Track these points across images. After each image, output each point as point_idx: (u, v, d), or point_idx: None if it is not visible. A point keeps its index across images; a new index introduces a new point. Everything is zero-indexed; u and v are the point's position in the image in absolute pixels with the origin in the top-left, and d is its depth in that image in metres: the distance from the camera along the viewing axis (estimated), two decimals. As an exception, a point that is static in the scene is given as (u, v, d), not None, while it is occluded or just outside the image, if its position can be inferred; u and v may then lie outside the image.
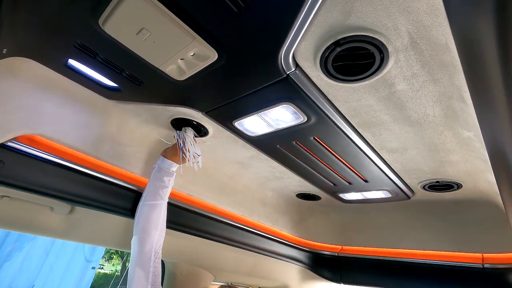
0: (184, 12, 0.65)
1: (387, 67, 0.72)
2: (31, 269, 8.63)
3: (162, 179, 1.19)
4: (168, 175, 1.20)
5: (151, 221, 1.12)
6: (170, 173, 1.21)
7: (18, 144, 0.95)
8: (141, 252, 1.07)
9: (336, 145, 1.10)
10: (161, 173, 1.19)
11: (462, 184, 1.26)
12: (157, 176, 1.19)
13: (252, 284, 2.30)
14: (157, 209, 1.15)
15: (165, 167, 1.20)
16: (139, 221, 1.12)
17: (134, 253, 1.08)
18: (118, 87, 0.99)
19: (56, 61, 0.90)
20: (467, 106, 0.78)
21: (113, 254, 18.14)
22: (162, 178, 1.19)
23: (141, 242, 1.08)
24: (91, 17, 0.69)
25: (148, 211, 1.14)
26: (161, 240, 1.13)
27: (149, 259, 1.06)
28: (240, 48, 0.73)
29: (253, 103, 0.94)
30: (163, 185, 1.18)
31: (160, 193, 1.17)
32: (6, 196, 1.02)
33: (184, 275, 1.65)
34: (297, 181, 1.57)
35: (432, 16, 0.58)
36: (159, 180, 1.18)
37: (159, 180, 1.18)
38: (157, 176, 1.19)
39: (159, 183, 1.18)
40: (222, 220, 1.60)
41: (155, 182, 1.18)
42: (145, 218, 1.12)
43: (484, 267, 1.46)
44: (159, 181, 1.18)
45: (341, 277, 2.06)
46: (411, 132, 0.97)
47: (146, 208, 1.14)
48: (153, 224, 1.12)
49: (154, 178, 1.19)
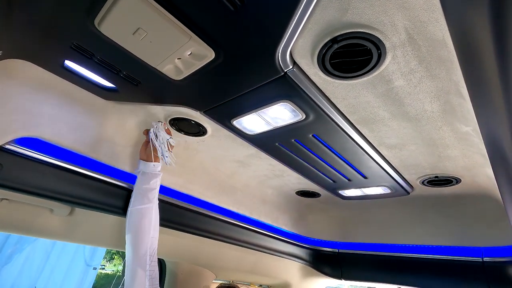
0: (180, 11, 0.65)
1: (385, 64, 0.72)
2: (32, 271, 8.63)
3: (149, 182, 1.16)
4: (155, 177, 1.18)
5: (143, 225, 1.11)
6: (156, 174, 1.18)
7: (16, 146, 0.95)
8: (136, 257, 1.06)
9: (334, 142, 1.10)
10: (146, 176, 1.17)
11: (461, 179, 1.27)
12: (142, 180, 1.16)
13: (253, 281, 2.31)
14: (147, 213, 1.13)
15: (149, 170, 1.17)
16: (130, 227, 1.11)
17: (129, 259, 1.07)
18: (115, 88, 0.99)
19: (52, 62, 0.90)
20: (465, 101, 0.78)
21: (114, 255, 18.16)
22: (149, 181, 1.16)
23: (134, 248, 1.07)
24: (86, 18, 0.69)
25: (138, 216, 1.12)
26: (155, 242, 1.13)
27: (144, 263, 1.06)
28: (237, 46, 0.73)
29: (251, 101, 0.94)
30: (150, 188, 1.16)
31: (149, 196, 1.15)
32: (5, 199, 1.02)
33: (185, 274, 1.65)
34: (297, 178, 1.57)
35: (428, 11, 0.58)
36: (145, 184, 1.16)
37: (145, 183, 1.16)
38: (142, 180, 1.16)
39: (146, 187, 1.15)
40: (222, 219, 1.60)
41: (142, 186, 1.15)
42: (136, 224, 1.11)
43: (483, 261, 1.46)
44: (145, 185, 1.15)
45: (342, 273, 2.07)
46: (409, 128, 0.98)
47: (136, 214, 1.12)
48: (145, 229, 1.11)
49: (140, 183, 1.16)
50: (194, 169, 1.43)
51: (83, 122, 1.09)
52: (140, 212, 1.13)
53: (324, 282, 2.34)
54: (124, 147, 1.22)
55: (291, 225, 2.08)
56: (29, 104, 0.95)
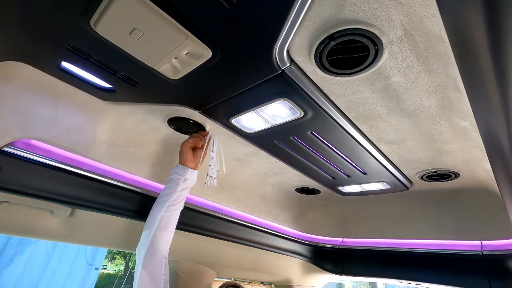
0: (176, 10, 0.64)
1: (382, 60, 0.72)
2: (34, 272, 8.65)
3: (186, 188, 1.17)
4: (191, 183, 1.19)
5: (169, 230, 1.10)
6: (192, 180, 1.19)
7: (15, 149, 0.95)
8: (153, 262, 1.03)
9: (333, 139, 1.10)
10: (187, 182, 1.17)
11: (459, 173, 1.27)
12: (182, 185, 1.16)
13: (255, 279, 2.32)
14: (175, 215, 1.14)
15: (193, 177, 1.18)
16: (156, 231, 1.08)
17: (145, 261, 1.03)
18: (112, 88, 0.99)
19: (49, 64, 0.89)
20: (462, 95, 0.78)
21: (116, 254, 18.20)
22: (186, 187, 1.17)
23: (154, 253, 1.05)
24: (82, 19, 0.68)
25: (169, 221, 1.11)
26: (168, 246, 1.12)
27: (160, 268, 1.04)
28: (234, 45, 0.72)
29: (249, 99, 0.94)
30: (185, 193, 1.18)
31: (182, 202, 1.17)
32: (5, 202, 1.02)
33: (187, 273, 1.66)
34: (296, 176, 1.58)
35: (425, 7, 0.58)
36: (185, 190, 1.17)
37: (185, 190, 1.17)
38: (182, 185, 1.16)
39: (185, 193, 1.17)
40: (223, 217, 1.60)
41: (182, 192, 1.16)
42: (163, 228, 1.09)
43: (483, 254, 1.47)
44: (185, 191, 1.17)
45: (343, 269, 2.08)
46: (407, 123, 0.98)
47: (168, 218, 1.11)
48: (170, 233, 1.11)
49: (182, 188, 1.16)
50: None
51: (81, 123, 1.09)
52: (172, 217, 1.12)
53: (325, 278, 2.36)
54: (123, 147, 1.21)
55: (291, 222, 2.08)
56: (27, 106, 0.95)
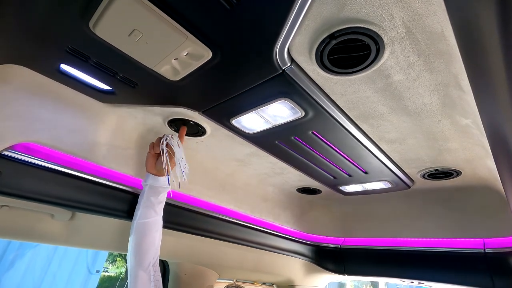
0: (175, 11, 0.64)
1: (383, 58, 0.72)
2: (35, 276, 8.61)
3: (158, 196, 1.14)
4: (164, 190, 1.16)
5: (149, 238, 1.09)
6: (165, 188, 1.16)
7: (15, 152, 0.94)
8: (140, 269, 1.04)
9: (334, 138, 1.10)
10: (155, 190, 1.14)
11: (461, 171, 1.27)
12: (151, 193, 1.13)
13: (256, 280, 2.32)
14: (154, 225, 1.12)
15: (160, 184, 1.14)
16: (135, 240, 1.08)
17: (132, 270, 1.04)
18: (112, 90, 0.98)
19: (48, 66, 0.89)
20: (464, 93, 0.77)
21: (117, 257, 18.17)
22: (158, 195, 1.14)
23: (139, 261, 1.05)
24: (81, 20, 0.68)
25: (145, 230, 1.09)
26: (158, 252, 1.11)
27: (149, 274, 1.04)
28: (234, 45, 0.72)
29: (250, 100, 0.94)
30: (158, 201, 1.14)
31: (156, 209, 1.13)
32: (5, 206, 1.01)
33: (188, 275, 1.65)
34: (297, 175, 1.57)
35: (426, 4, 0.58)
36: (154, 197, 1.13)
37: (154, 197, 1.13)
38: (151, 193, 1.13)
39: (154, 200, 1.13)
40: (223, 218, 1.60)
41: (150, 199, 1.13)
42: (142, 237, 1.08)
43: (485, 252, 1.47)
44: (154, 198, 1.13)
45: (345, 269, 2.08)
46: (409, 122, 0.97)
47: (143, 227, 1.10)
48: (152, 241, 1.09)
49: (148, 196, 1.13)
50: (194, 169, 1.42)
51: (81, 126, 1.08)
52: (148, 225, 1.10)
53: (327, 278, 2.35)
54: (123, 149, 1.21)
55: (292, 222, 2.08)
56: (26, 109, 0.95)
